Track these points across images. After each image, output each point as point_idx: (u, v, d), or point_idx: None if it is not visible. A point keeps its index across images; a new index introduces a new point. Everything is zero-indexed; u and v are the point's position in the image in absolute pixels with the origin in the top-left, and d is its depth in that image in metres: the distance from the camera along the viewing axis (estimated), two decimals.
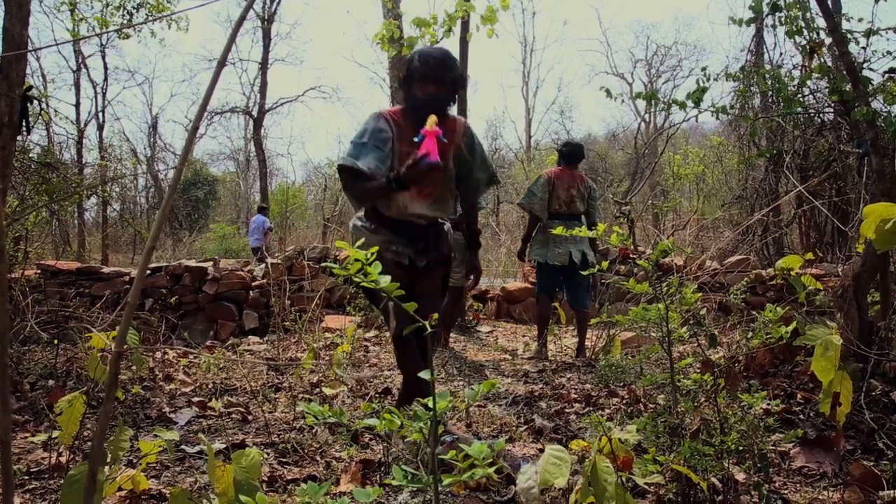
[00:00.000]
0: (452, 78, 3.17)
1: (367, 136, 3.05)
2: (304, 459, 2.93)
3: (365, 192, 3.04)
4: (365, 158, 2.96)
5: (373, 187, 2.95)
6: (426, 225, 3.28)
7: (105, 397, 0.88)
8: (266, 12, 22.06)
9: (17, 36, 3.79)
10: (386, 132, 3.07)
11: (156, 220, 0.84)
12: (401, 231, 3.22)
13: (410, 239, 3.24)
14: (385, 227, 3.22)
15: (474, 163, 3.37)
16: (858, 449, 2.80)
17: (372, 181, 2.94)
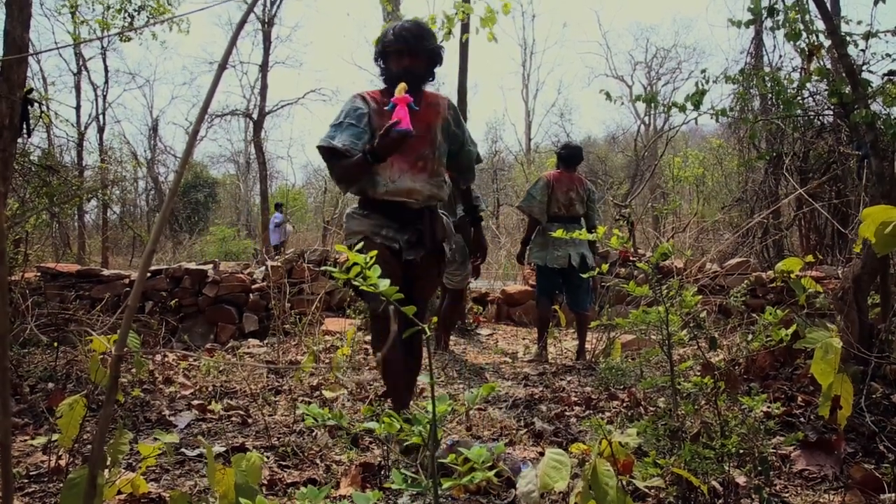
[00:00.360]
0: (428, 50, 3.12)
1: (343, 115, 3.04)
2: (304, 463, 2.93)
3: (344, 169, 2.99)
4: (340, 136, 2.96)
5: (351, 164, 2.93)
6: (420, 209, 3.14)
7: (105, 401, 0.88)
8: (266, 15, 22.06)
9: (18, 39, 3.79)
10: (361, 109, 3.04)
11: (156, 223, 0.84)
12: (392, 215, 3.10)
13: (402, 223, 3.11)
14: (377, 211, 3.11)
15: (464, 135, 3.30)
16: (859, 452, 2.80)
17: (350, 159, 2.92)
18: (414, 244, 3.11)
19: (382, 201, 3.09)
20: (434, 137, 3.15)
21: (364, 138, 2.96)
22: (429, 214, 3.16)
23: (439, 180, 3.17)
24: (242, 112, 25.65)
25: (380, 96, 3.13)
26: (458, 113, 3.30)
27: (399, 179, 3.05)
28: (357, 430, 3.10)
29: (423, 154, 3.10)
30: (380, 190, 3.06)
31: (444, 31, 6.32)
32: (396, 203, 3.09)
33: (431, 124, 3.14)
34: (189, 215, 24.09)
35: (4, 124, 3.73)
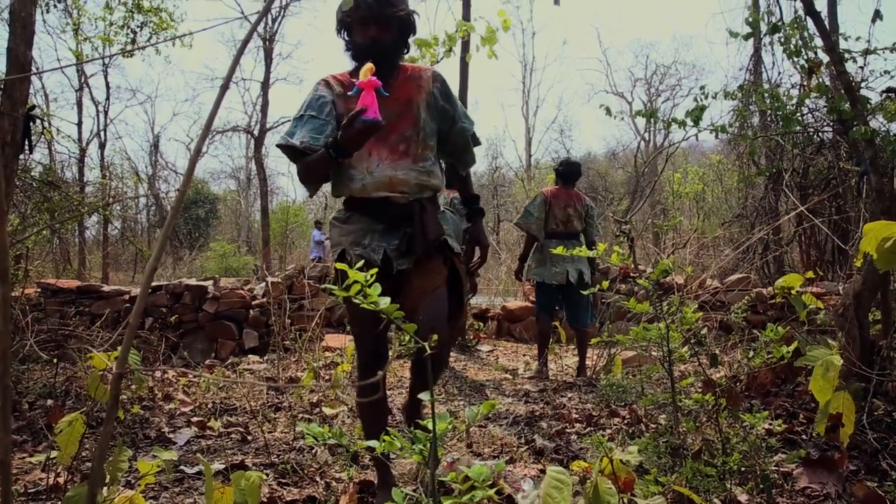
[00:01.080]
0: (398, 17, 2.62)
1: (304, 107, 2.61)
2: (303, 480, 2.91)
3: (306, 168, 2.56)
4: (300, 132, 2.54)
5: (311, 161, 2.50)
6: (408, 203, 2.60)
7: (105, 418, 0.88)
8: (268, 32, 22.20)
9: (21, 56, 3.81)
10: (324, 97, 2.60)
11: (157, 242, 0.84)
12: (376, 214, 2.60)
13: (390, 224, 2.60)
14: (358, 211, 2.62)
15: (455, 111, 2.75)
16: (862, 469, 2.79)
17: (311, 156, 2.50)
18: (404, 250, 2.57)
19: (362, 199, 2.61)
20: (416, 115, 2.62)
21: (327, 130, 2.53)
22: (418, 209, 2.60)
23: (428, 165, 2.64)
24: (244, 128, 25.75)
25: (347, 78, 2.67)
26: (447, 85, 2.76)
27: (377, 169, 2.56)
28: (357, 448, 3.09)
29: (404, 135, 2.60)
30: (356, 185, 2.58)
31: (444, 49, 6.35)
32: (378, 199, 2.58)
33: (413, 100, 2.63)
34: (190, 231, 24.12)
35: (6, 141, 3.74)
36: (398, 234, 2.57)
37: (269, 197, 23.18)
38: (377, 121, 2.25)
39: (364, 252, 2.53)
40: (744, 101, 6.36)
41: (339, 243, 2.62)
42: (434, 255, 2.64)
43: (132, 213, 27.40)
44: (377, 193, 2.57)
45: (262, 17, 0.99)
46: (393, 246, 2.55)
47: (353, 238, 2.58)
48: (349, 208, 2.66)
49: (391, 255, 2.54)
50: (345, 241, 2.60)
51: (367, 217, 2.60)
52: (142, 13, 8.90)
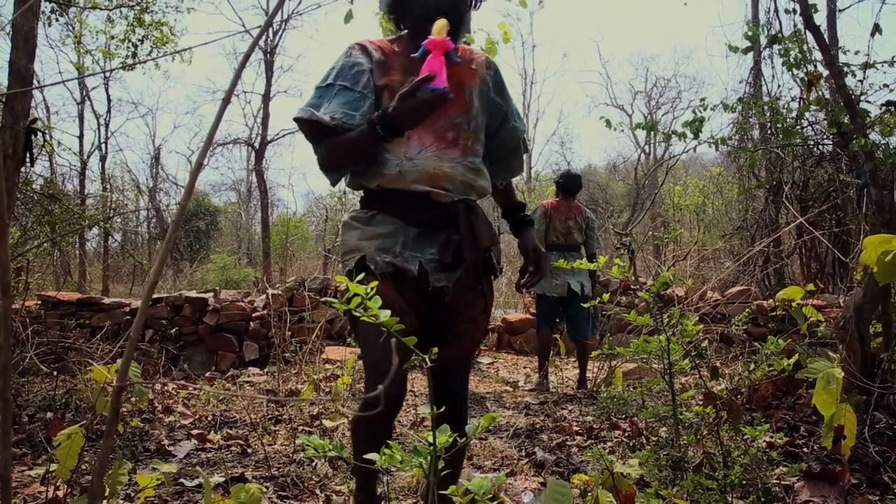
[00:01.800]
0: None
1: (333, 75, 2.07)
2: (304, 493, 2.90)
3: (336, 149, 2.02)
4: (328, 105, 2.01)
5: (347, 140, 1.97)
6: (452, 203, 2.05)
7: (106, 432, 0.88)
8: (269, 45, 22.27)
9: (23, 70, 3.83)
10: (361, 65, 2.06)
11: (158, 255, 0.84)
12: (411, 214, 2.04)
13: (426, 228, 2.04)
14: (385, 209, 2.06)
15: (508, 107, 2.28)
16: (864, 483, 2.78)
17: (342, 135, 1.98)
18: (447, 261, 2.01)
19: (394, 192, 2.04)
20: (469, 101, 2.14)
21: (363, 106, 2.01)
22: (465, 211, 2.06)
23: (478, 162, 2.14)
24: (244, 140, 25.80)
25: (389, 46, 2.15)
26: (501, 75, 2.30)
27: (419, 157, 2.02)
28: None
29: (453, 121, 2.09)
30: (390, 172, 2.02)
31: None
32: (416, 195, 2.03)
33: (465, 83, 2.15)
34: (190, 243, 24.13)
35: (8, 153, 3.75)
36: (435, 242, 2.02)
37: (270, 209, 23.20)
38: (446, 91, 1.81)
39: (396, 261, 1.97)
40: (744, 114, 6.38)
41: (358, 248, 2.02)
42: (478, 271, 2.10)
43: (133, 226, 27.44)
44: (416, 186, 2.01)
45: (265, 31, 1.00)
46: (430, 256, 2.00)
47: (379, 242, 1.99)
48: (372, 204, 2.08)
49: (427, 268, 1.99)
50: (367, 245, 2.00)
51: (398, 217, 2.03)
52: (143, 27, 8.94)
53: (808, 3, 3.58)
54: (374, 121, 1.89)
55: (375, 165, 2.05)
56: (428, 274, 1.99)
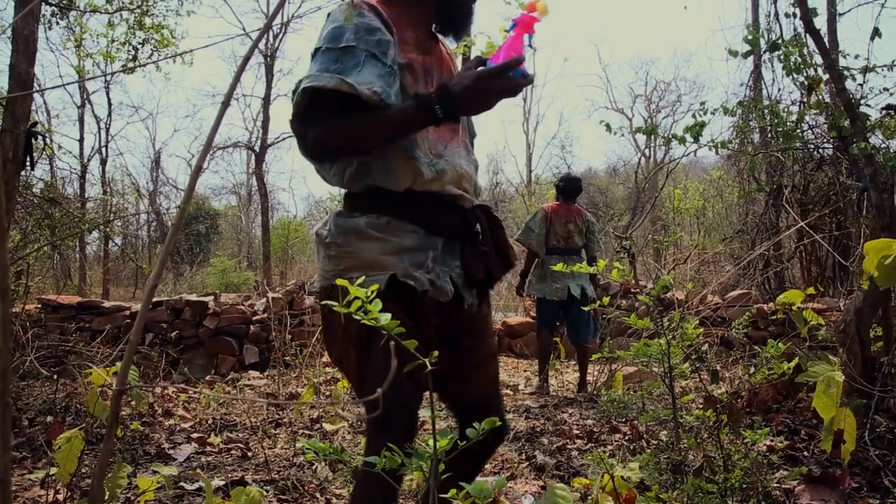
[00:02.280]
0: None
1: (350, 36, 1.61)
2: (304, 497, 2.90)
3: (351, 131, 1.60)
4: (358, 73, 1.56)
5: (376, 121, 1.58)
6: (471, 208, 1.80)
7: (105, 436, 0.88)
8: (269, 49, 22.29)
9: (24, 73, 3.84)
10: (382, 32, 1.64)
11: (158, 259, 0.84)
12: (434, 222, 1.71)
13: (448, 238, 1.74)
14: (406, 216, 1.69)
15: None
16: (864, 487, 2.78)
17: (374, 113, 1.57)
18: (479, 277, 1.74)
19: (422, 196, 1.70)
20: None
21: (395, 85, 1.61)
22: (487, 218, 1.82)
23: (477, 163, 1.91)
24: (244, 144, 25.81)
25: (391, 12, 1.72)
26: None
27: (447, 153, 1.74)
28: (357, 464, 3.08)
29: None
30: (427, 172, 1.67)
31: None
32: (446, 199, 1.73)
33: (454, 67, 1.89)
34: (190, 246, 24.13)
35: (8, 157, 3.76)
36: (456, 254, 1.74)
37: (270, 213, 23.20)
38: (533, 78, 1.58)
39: (434, 279, 1.66)
40: (744, 118, 6.39)
41: (382, 265, 1.65)
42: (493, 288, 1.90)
43: (133, 230, 27.45)
44: (451, 188, 1.72)
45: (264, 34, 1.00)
46: (457, 271, 1.72)
47: (410, 257, 1.66)
48: (386, 209, 1.69)
49: (459, 284, 1.72)
50: (394, 261, 1.65)
51: (419, 225, 1.70)
52: (143, 30, 8.95)
53: (808, 6, 3.59)
54: (434, 100, 1.53)
55: (402, 161, 1.66)
56: (462, 291, 1.73)
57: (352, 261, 1.67)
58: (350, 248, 1.68)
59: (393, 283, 1.62)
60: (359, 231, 1.68)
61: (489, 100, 1.55)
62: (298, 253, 23.31)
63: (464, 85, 1.52)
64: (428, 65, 1.74)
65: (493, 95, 1.55)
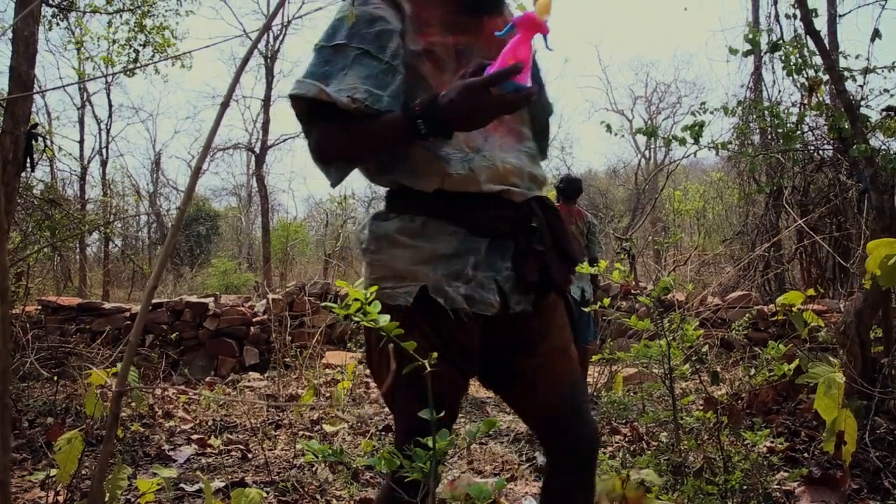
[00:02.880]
0: None
1: (344, 33, 1.47)
2: (304, 498, 2.90)
3: (343, 138, 1.48)
4: (342, 78, 1.43)
5: (363, 131, 1.44)
6: (525, 202, 1.55)
7: (105, 437, 0.88)
8: (270, 50, 22.29)
9: (24, 75, 3.84)
10: (385, 21, 1.48)
11: (158, 260, 0.84)
12: (480, 221, 1.50)
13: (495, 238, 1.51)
14: (444, 216, 1.49)
15: (540, 76, 1.76)
16: (864, 488, 2.77)
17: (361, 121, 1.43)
18: (532, 280, 1.51)
19: (459, 196, 1.49)
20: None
21: (392, 83, 1.45)
22: (543, 211, 1.59)
23: (533, 148, 1.65)
24: (245, 146, 25.82)
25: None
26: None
27: (487, 147, 1.51)
28: (357, 466, 3.08)
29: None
30: (458, 171, 1.47)
31: None
32: (488, 197, 1.50)
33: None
34: (191, 248, 24.13)
35: (8, 159, 3.76)
36: (506, 253, 1.51)
37: (270, 214, 23.22)
38: (533, 93, 1.32)
39: (472, 291, 1.45)
40: (744, 119, 6.39)
41: (414, 275, 1.47)
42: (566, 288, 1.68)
43: (133, 231, 27.46)
44: (490, 186, 1.49)
45: (263, 35, 1.00)
46: (506, 272, 1.49)
47: (445, 266, 1.46)
48: (421, 209, 1.50)
49: (505, 289, 1.49)
50: (427, 271, 1.46)
51: (460, 225, 1.49)
52: (144, 33, 8.96)
53: (809, 8, 3.59)
54: (417, 114, 1.35)
55: (427, 159, 1.48)
56: (509, 297, 1.50)
57: (384, 270, 1.51)
58: (381, 256, 1.52)
59: (424, 295, 1.44)
60: (389, 237, 1.51)
61: (477, 117, 1.35)
62: (298, 254, 23.33)
63: (449, 98, 1.32)
64: (461, 46, 1.51)
65: (483, 112, 1.34)
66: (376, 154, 1.53)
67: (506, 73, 1.28)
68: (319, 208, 30.65)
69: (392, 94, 1.43)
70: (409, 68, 1.48)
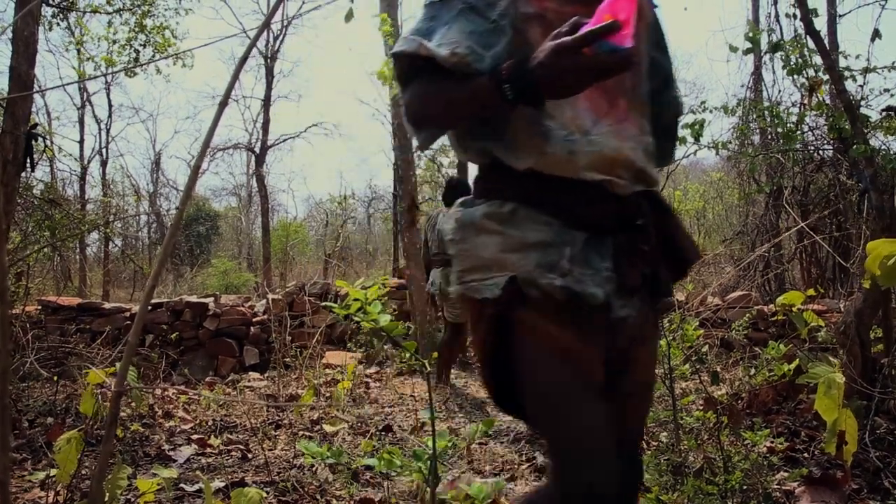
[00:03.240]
0: None
1: None
2: (304, 498, 2.90)
3: (431, 100, 1.38)
4: (445, 32, 1.33)
5: (450, 94, 1.34)
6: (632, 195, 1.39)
7: (105, 437, 0.88)
8: (269, 50, 22.29)
9: (24, 75, 3.84)
10: None
11: (157, 260, 0.84)
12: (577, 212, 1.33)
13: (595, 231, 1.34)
14: (537, 204, 1.34)
15: (671, 67, 1.59)
16: (864, 488, 2.77)
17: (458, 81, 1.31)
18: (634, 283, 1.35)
19: (556, 181, 1.34)
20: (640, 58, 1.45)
21: (497, 44, 1.33)
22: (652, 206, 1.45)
23: (651, 144, 1.47)
24: (245, 145, 25.82)
25: None
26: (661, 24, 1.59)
27: (596, 130, 1.35)
28: (357, 466, 3.08)
29: (624, 85, 1.41)
30: (557, 152, 1.32)
31: None
32: (589, 185, 1.34)
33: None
34: (191, 248, 24.14)
35: (8, 159, 3.76)
36: (605, 252, 1.32)
37: (270, 214, 23.23)
38: (632, 55, 1.17)
39: (571, 284, 1.27)
40: (744, 119, 6.39)
41: (502, 264, 1.32)
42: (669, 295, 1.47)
43: (133, 231, 27.46)
44: (590, 174, 1.33)
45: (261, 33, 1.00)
46: (605, 275, 1.31)
47: (538, 256, 1.29)
48: (511, 193, 1.36)
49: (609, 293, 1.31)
50: (518, 260, 1.31)
51: (554, 216, 1.33)
52: (144, 32, 8.95)
53: (809, 7, 3.59)
54: (503, 77, 1.22)
55: (526, 130, 1.33)
56: (612, 301, 1.31)
57: (469, 261, 1.37)
58: (467, 246, 1.38)
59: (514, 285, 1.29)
60: (476, 224, 1.37)
61: (569, 82, 1.19)
62: (298, 254, 23.34)
63: (538, 61, 1.19)
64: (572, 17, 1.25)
65: (575, 76, 1.18)
66: (466, 120, 1.41)
67: (600, 32, 1.14)
68: (319, 208, 30.66)
69: (495, 56, 1.31)
70: (516, 32, 1.34)
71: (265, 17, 1.12)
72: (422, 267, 6.43)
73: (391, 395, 5.37)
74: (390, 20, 6.46)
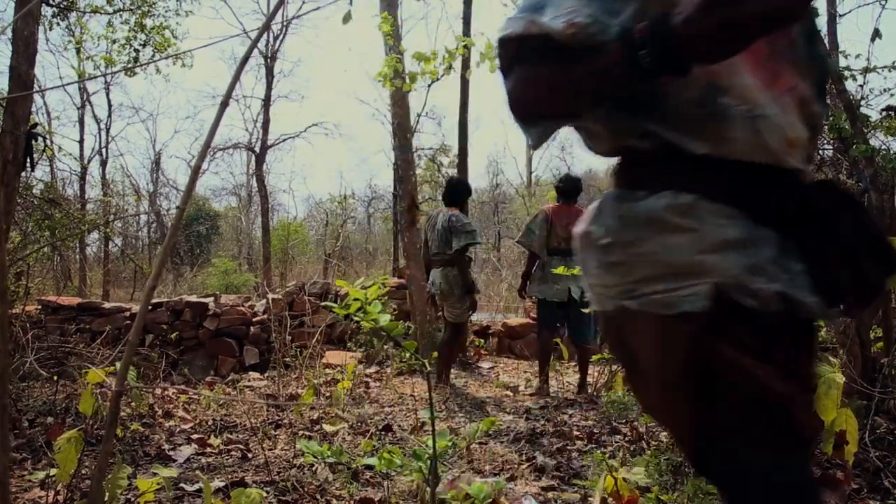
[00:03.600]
0: None
1: None
2: (304, 498, 2.90)
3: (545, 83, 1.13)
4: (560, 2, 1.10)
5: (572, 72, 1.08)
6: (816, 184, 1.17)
7: (105, 436, 0.88)
8: (270, 50, 22.29)
9: (24, 74, 3.84)
10: None
11: (157, 259, 0.84)
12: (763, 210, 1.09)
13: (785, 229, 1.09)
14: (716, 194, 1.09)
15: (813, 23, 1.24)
16: (864, 488, 2.77)
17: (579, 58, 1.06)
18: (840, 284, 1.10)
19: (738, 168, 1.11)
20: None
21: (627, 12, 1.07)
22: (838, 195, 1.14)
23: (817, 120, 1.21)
24: (245, 145, 25.83)
25: None
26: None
27: (771, 108, 1.11)
28: (357, 465, 3.08)
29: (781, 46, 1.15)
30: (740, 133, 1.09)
31: (444, 65, 6.37)
32: (770, 174, 1.13)
33: None
34: (191, 248, 24.16)
35: (8, 158, 3.76)
36: (791, 251, 1.09)
37: (270, 214, 23.24)
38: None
39: (788, 289, 1.06)
40: None
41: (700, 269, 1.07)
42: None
43: (133, 231, 27.47)
44: (759, 156, 1.12)
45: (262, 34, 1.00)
46: (802, 275, 1.08)
47: (740, 257, 1.06)
48: (688, 182, 1.11)
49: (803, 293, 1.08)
50: (716, 262, 1.07)
51: (735, 206, 1.10)
52: (144, 32, 8.96)
53: None
54: (639, 40, 0.98)
55: (699, 113, 1.10)
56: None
57: (650, 267, 1.10)
58: (644, 249, 1.11)
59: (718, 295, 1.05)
60: (656, 220, 1.10)
61: (725, 39, 0.93)
62: (298, 254, 23.35)
63: (686, 17, 0.93)
64: None
65: (733, 30, 0.92)
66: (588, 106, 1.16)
67: None
68: (319, 208, 30.68)
69: (624, 24, 1.05)
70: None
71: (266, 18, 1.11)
72: (422, 267, 6.44)
73: (391, 394, 5.37)
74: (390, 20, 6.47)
